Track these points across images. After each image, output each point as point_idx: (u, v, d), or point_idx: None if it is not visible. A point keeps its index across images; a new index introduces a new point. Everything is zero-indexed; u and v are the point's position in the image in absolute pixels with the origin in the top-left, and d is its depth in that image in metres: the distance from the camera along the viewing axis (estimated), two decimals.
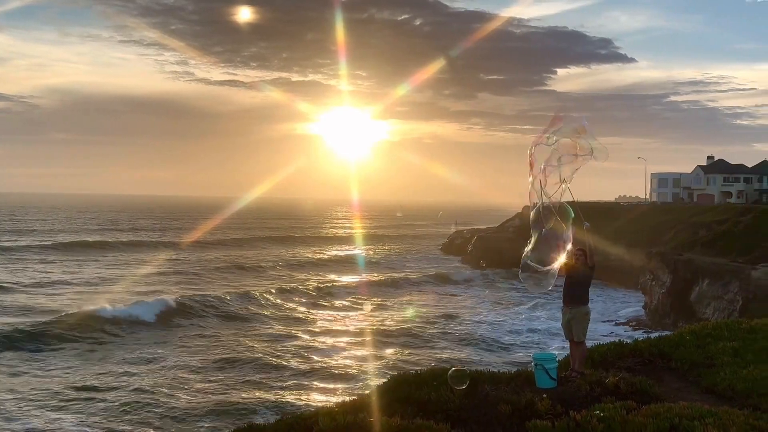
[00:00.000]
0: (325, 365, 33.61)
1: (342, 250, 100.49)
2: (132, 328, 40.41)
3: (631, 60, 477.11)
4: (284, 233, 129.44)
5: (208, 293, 51.72)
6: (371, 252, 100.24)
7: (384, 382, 10.60)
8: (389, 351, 37.75)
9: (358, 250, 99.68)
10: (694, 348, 12.70)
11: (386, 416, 8.46)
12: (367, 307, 51.67)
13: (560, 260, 10.12)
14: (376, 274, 71.22)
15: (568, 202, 10.12)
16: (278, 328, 43.23)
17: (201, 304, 47.30)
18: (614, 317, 52.90)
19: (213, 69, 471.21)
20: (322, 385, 30.56)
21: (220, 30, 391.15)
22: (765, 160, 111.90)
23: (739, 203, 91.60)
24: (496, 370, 11.75)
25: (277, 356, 34.86)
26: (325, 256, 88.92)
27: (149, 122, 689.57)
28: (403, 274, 72.33)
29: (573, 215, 10.14)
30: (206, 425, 24.72)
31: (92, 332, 38.54)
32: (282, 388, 29.41)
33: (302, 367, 33.09)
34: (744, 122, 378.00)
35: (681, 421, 8.14)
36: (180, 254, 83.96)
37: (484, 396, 9.63)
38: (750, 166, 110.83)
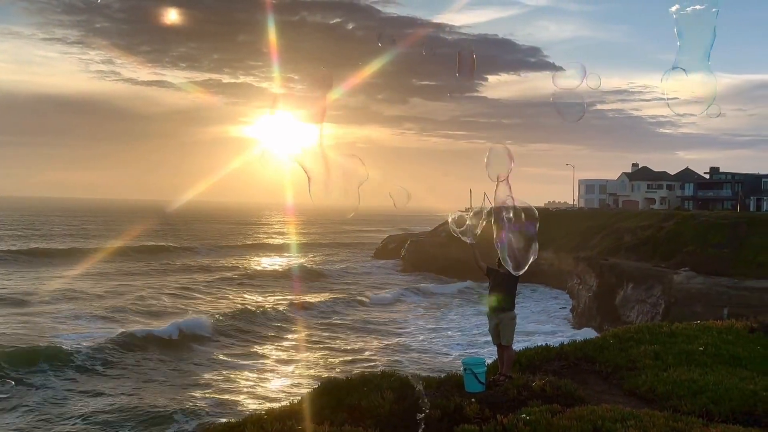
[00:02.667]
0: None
1: (276, 260, 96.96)
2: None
3: (559, 68, 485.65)
4: (216, 241, 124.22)
5: (121, 315, 45.70)
6: (306, 261, 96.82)
7: (314, 389, 10.53)
8: (320, 362, 37.48)
9: (293, 259, 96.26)
10: (618, 351, 13.05)
11: (315, 423, 8.42)
12: (300, 329, 46.44)
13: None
14: (312, 290, 64.87)
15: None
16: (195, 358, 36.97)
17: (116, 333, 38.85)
18: (543, 320, 53.91)
19: (140, 69, 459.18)
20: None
21: (147, 29, 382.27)
22: (687, 168, 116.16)
23: (662, 209, 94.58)
24: (426, 375, 11.83)
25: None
26: (258, 268, 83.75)
27: (73, 122, 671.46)
28: (339, 286, 69.60)
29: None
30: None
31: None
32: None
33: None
34: (667, 131, 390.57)
35: (603, 423, 8.33)
36: (95, 265, 75.25)
37: (414, 401, 9.67)
38: (673, 173, 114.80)
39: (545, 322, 52.83)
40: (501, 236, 9.74)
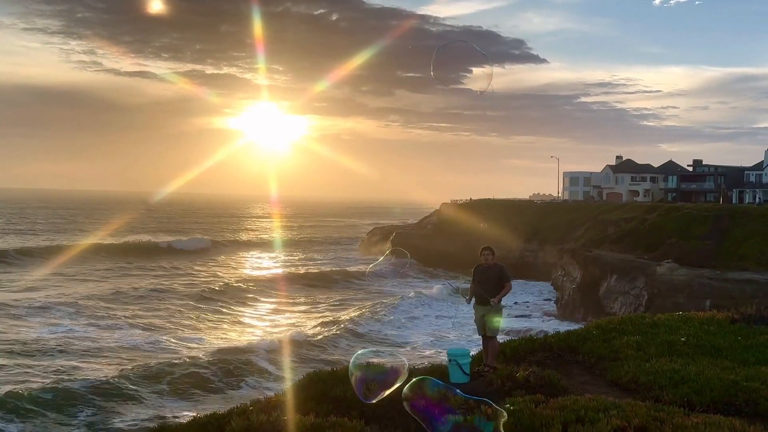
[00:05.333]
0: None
1: (260, 261, 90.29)
2: None
3: (544, 61, 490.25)
4: (204, 235, 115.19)
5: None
6: (293, 261, 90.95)
7: (299, 380, 10.56)
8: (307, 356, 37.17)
9: (279, 260, 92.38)
10: (601, 342, 13.15)
11: (301, 414, 8.44)
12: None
13: None
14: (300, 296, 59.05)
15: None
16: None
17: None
18: (528, 311, 54.17)
19: (122, 59, 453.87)
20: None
21: (129, 19, 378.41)
22: (670, 161, 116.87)
23: (645, 202, 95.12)
24: (411, 366, 11.86)
25: None
26: (241, 275, 71.70)
27: (55, 113, 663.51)
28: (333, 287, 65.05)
29: None
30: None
31: None
32: None
33: None
34: (650, 123, 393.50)
35: (586, 413, 8.40)
36: (64, 267, 67.54)
37: (399, 391, 9.70)
38: (656, 166, 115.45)
39: (530, 314, 53.09)
40: None
